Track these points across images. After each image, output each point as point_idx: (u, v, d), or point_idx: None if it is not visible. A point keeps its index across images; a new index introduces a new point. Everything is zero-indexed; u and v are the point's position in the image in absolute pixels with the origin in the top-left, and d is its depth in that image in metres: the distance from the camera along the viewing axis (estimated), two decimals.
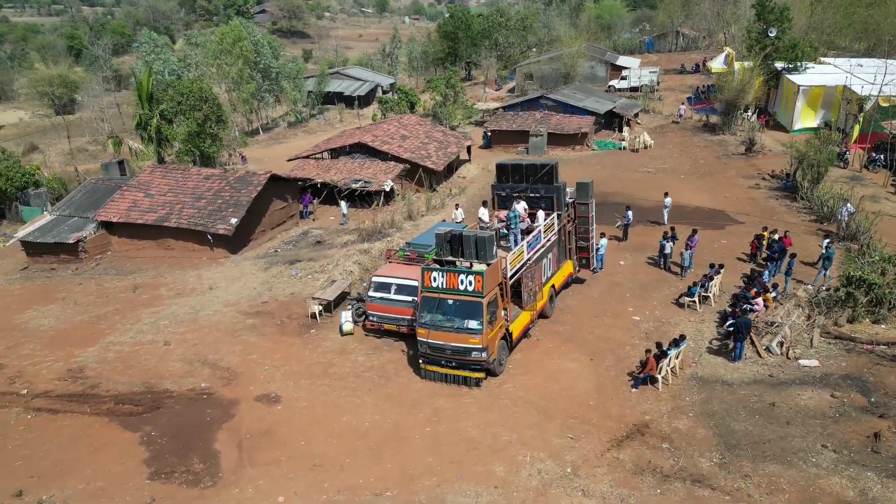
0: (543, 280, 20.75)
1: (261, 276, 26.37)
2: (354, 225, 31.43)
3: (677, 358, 17.52)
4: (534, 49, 79.04)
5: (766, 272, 22.24)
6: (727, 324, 18.20)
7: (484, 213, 21.24)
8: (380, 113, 57.36)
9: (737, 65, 51.35)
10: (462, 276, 17.05)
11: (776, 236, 24.22)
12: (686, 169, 40.12)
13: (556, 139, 46.48)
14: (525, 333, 19.96)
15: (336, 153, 39.98)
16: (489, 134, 49.12)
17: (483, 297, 16.88)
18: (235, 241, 28.90)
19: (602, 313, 21.69)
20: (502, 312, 17.94)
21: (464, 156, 45.31)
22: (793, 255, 22.30)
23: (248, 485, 14.44)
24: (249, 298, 24.23)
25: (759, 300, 19.74)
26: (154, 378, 19.00)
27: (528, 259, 19.38)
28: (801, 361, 17.53)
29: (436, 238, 18.25)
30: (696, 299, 21.20)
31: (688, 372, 17.87)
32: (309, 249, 29.19)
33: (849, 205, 26.53)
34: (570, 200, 22.78)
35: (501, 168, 22.28)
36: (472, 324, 17.03)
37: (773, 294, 20.41)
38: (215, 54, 54.40)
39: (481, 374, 17.34)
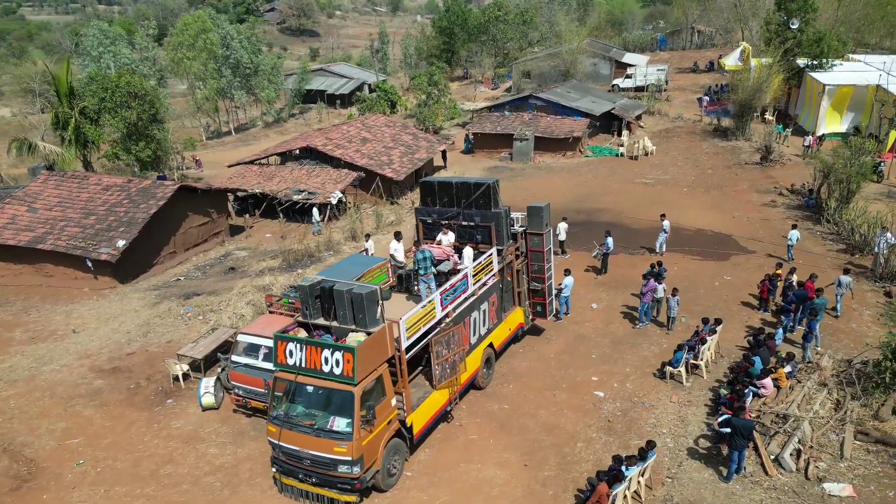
0: (474, 341, 15.27)
1: (143, 314, 21.15)
2: (278, 247, 26.10)
3: (642, 476, 11.94)
4: (535, 45, 73.30)
5: (779, 331, 16.53)
6: (719, 419, 12.56)
7: (398, 250, 15.78)
8: (357, 113, 52.12)
9: (753, 61, 45.37)
10: (326, 353, 11.63)
11: (794, 278, 18.49)
12: (690, 180, 34.35)
13: (544, 144, 40.88)
14: (445, 416, 14.53)
15: (285, 158, 34.78)
16: (471, 137, 43.62)
17: (355, 385, 11.46)
18: (127, 268, 23.73)
19: (555, 384, 16.12)
20: (393, 401, 12.48)
21: (438, 162, 39.93)
22: (809, 308, 16.54)
23: None
24: (114, 348, 19.02)
25: (768, 380, 14.06)
26: None
27: (444, 317, 13.92)
28: (827, 486, 11.84)
29: (299, 291, 12.86)
30: (683, 369, 15.56)
31: (659, 493, 12.27)
32: (217, 278, 23.94)
33: (889, 234, 20.68)
34: (521, 229, 17.24)
35: (426, 187, 16.78)
36: (339, 424, 11.62)
37: (788, 368, 14.69)
38: (174, 47, 49.34)
39: (353, 498, 11.87)
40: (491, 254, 15.72)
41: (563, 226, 24.19)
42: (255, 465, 13.58)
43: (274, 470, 12.59)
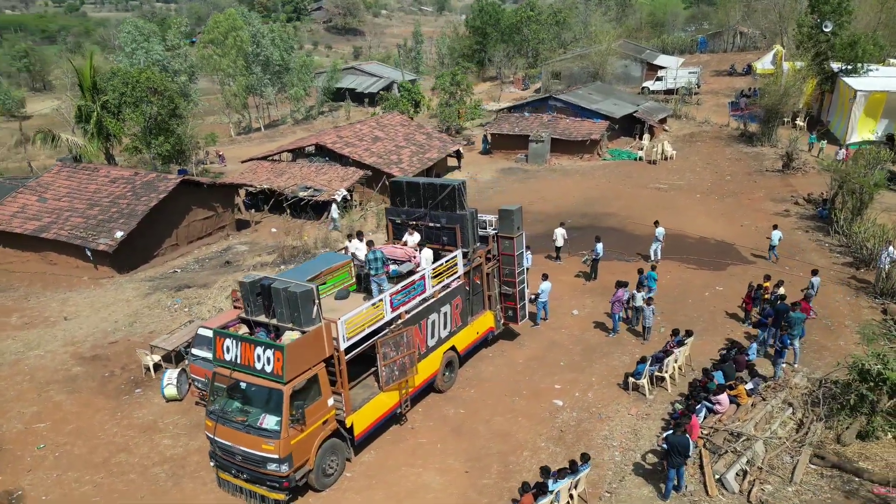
0: (432, 344, 15.13)
1: (134, 304, 21.69)
2: (275, 242, 26.43)
3: (575, 488, 11.62)
4: (568, 46, 72.38)
5: (753, 345, 15.88)
6: (663, 435, 12.11)
7: (358, 249, 15.73)
8: (380, 112, 52.35)
9: (786, 65, 43.84)
10: (259, 350, 11.69)
11: (780, 291, 17.74)
12: (706, 186, 33.38)
13: (562, 146, 40.34)
14: (398, 418, 14.46)
15: (297, 155, 35.18)
16: (489, 138, 43.37)
17: (284, 384, 11.48)
18: (126, 258, 24.36)
19: (517, 390, 15.86)
20: (330, 401, 12.46)
21: (453, 162, 39.81)
22: (785, 322, 15.84)
23: None
24: (99, 336, 19.55)
25: (723, 396, 13.52)
26: None
27: (396, 318, 13.84)
28: None
29: (241, 288, 12.96)
30: (646, 381, 15.09)
31: None
32: (212, 272, 24.37)
33: (892, 248, 19.67)
34: (493, 232, 17.01)
35: (395, 187, 16.71)
36: (268, 422, 11.65)
37: (750, 385, 14.09)
38: (205, 44, 50.47)
39: (281, 496, 11.90)
40: (454, 256, 15.54)
41: (560, 231, 23.79)
42: (202, 459, 13.74)
43: (212, 464, 12.72)
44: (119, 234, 23.47)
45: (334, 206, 29.36)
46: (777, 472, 12.13)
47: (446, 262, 15.32)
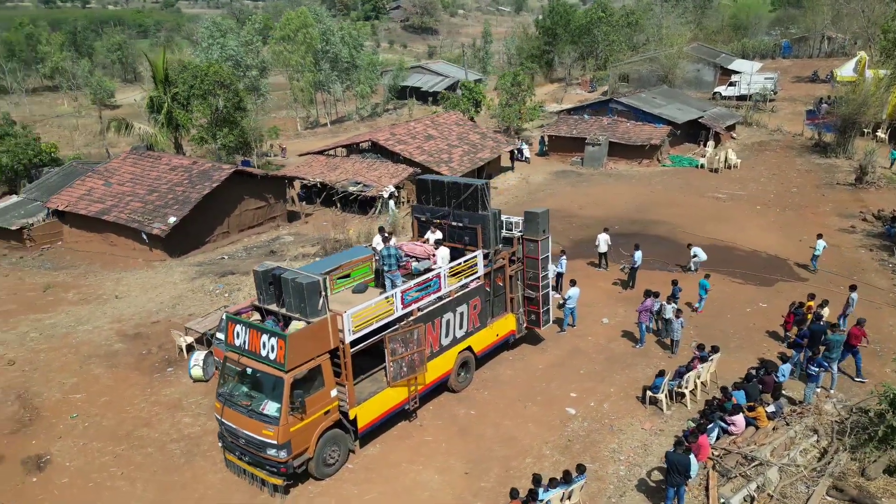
0: (446, 343, 15.14)
1: (180, 287, 22.74)
2: (319, 235, 27.07)
3: (568, 499, 11.37)
4: (640, 48, 70.52)
5: (785, 366, 15.04)
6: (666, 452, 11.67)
7: (380, 244, 15.90)
8: (441, 110, 52.66)
9: (869, 72, 41.32)
10: (265, 337, 12.05)
11: (824, 311, 16.75)
12: (769, 198, 31.83)
13: (620, 150, 39.44)
14: (407, 414, 14.55)
15: (350, 150, 35.88)
16: (546, 140, 42.90)
17: (285, 372, 11.77)
18: (180, 243, 25.54)
19: (532, 395, 15.64)
20: (333, 392, 12.67)
21: (505, 162, 39.61)
22: (823, 344, 14.97)
23: None
24: (143, 315, 20.61)
25: (739, 417, 12.88)
26: None
27: (407, 315, 13.92)
28: None
29: (254, 277, 13.36)
30: (663, 396, 14.58)
31: None
32: (256, 260, 25.14)
33: None
34: (519, 234, 16.86)
35: (421, 185, 16.81)
36: (270, 408, 11.98)
37: (772, 408, 13.37)
38: (277, 41, 52.19)
39: (279, 481, 12.20)
40: (473, 256, 15.48)
41: (603, 237, 23.23)
42: (215, 439, 14.22)
43: (220, 445, 13.19)
44: (172, 220, 24.62)
45: (392, 202, 29.84)
46: (788, 501, 11.47)
47: (465, 261, 15.28)
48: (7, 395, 16.27)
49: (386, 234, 14.94)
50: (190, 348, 17.90)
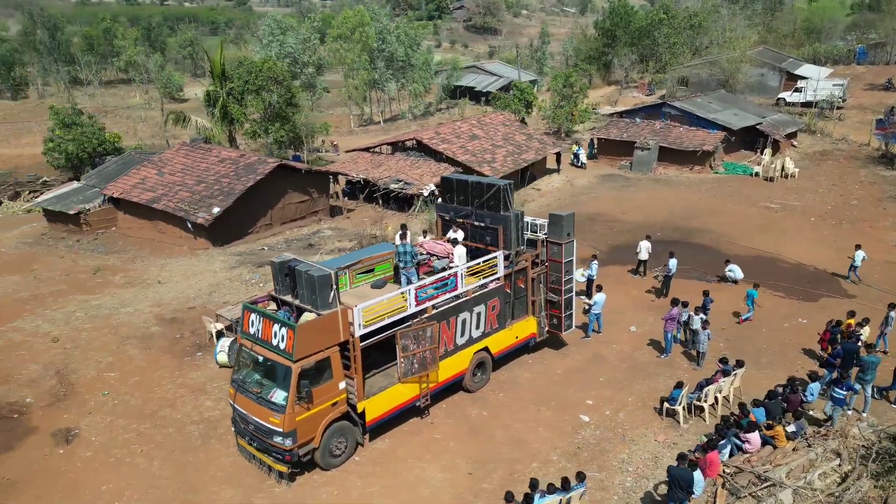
0: (461, 342, 15.14)
1: (219, 275, 23.52)
2: (357, 230, 27.48)
3: None
4: (703, 52, 68.45)
5: (814, 385, 14.37)
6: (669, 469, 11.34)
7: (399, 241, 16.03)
8: (491, 111, 52.57)
9: None
10: (276, 327, 12.36)
11: (863, 330, 15.92)
12: (825, 210, 30.43)
13: (671, 155, 38.46)
14: (419, 411, 14.64)
15: (395, 148, 36.25)
16: (595, 142, 42.25)
17: (293, 362, 12.03)
18: (223, 233, 26.40)
19: (546, 400, 15.46)
20: (342, 385, 12.87)
21: (552, 164, 39.19)
22: (857, 365, 14.24)
23: None
24: (181, 301, 21.42)
25: (754, 435, 12.38)
26: None
27: (420, 312, 14.00)
28: None
29: (271, 268, 13.69)
30: (680, 408, 14.18)
31: None
32: (295, 252, 25.64)
33: None
34: (543, 237, 16.71)
35: (446, 183, 16.86)
36: (277, 396, 12.27)
37: (792, 428, 12.79)
38: (334, 39, 53.21)
39: (283, 468, 12.48)
40: (493, 257, 15.43)
41: (645, 244, 22.71)
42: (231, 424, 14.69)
43: (233, 429, 13.60)
44: (216, 210, 25.47)
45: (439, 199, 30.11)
46: None
47: (484, 262, 15.24)
48: (48, 371, 17.21)
49: (404, 231, 15.05)
50: (219, 335, 18.47)
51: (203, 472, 13.19)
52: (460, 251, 15.23)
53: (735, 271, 21.63)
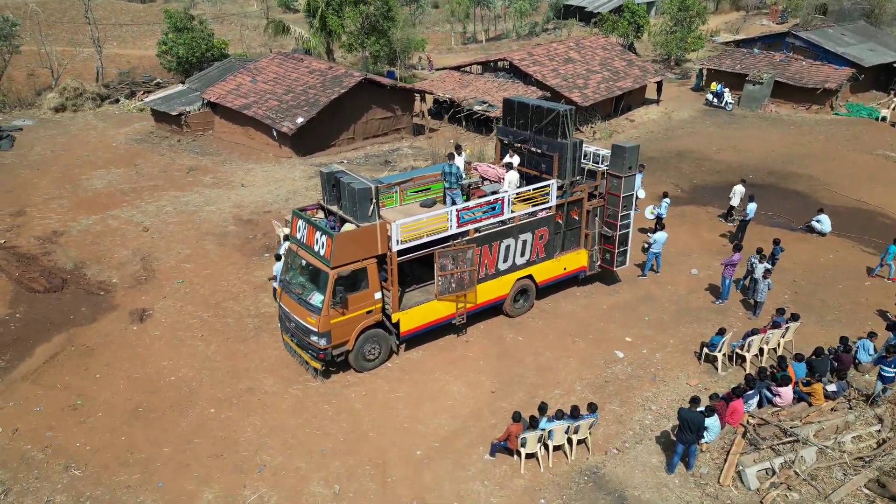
0: (503, 268, 15.24)
1: (298, 183, 24.64)
2: (432, 150, 27.60)
3: (575, 433, 11.40)
4: None
5: (869, 343, 13.41)
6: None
7: (460, 163, 16.03)
8: (599, 33, 49.84)
9: None
10: (317, 234, 12.99)
11: None
12: None
13: (787, 92, 35.42)
14: (456, 329, 15.08)
15: (486, 69, 35.50)
16: (703, 74, 39.42)
17: (330, 268, 12.67)
18: (306, 143, 27.36)
19: (584, 333, 15.43)
20: (377, 295, 13.44)
21: (651, 94, 37.11)
22: None
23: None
24: (260, 204, 22.74)
25: (786, 389, 11.85)
26: (91, 261, 18.76)
27: (462, 233, 14.17)
28: None
29: (320, 176, 14.18)
30: (720, 355, 13.76)
31: (594, 460, 11.61)
32: (371, 167, 26.43)
33: None
34: (605, 169, 16.20)
35: (508, 106, 16.50)
36: (315, 299, 13.03)
37: (833, 387, 12.12)
38: None
39: (318, 365, 13.39)
40: (545, 185, 15.18)
41: (739, 188, 21.40)
42: None
43: (279, 325, 14.65)
44: (300, 120, 26.34)
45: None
46: (816, 484, 10.63)
47: (534, 189, 15.05)
48: (135, 256, 19.04)
49: (452, 152, 15.03)
50: (286, 238, 19.54)
51: (250, 359, 14.40)
52: (511, 177, 15.08)
53: (824, 222, 20.08)
